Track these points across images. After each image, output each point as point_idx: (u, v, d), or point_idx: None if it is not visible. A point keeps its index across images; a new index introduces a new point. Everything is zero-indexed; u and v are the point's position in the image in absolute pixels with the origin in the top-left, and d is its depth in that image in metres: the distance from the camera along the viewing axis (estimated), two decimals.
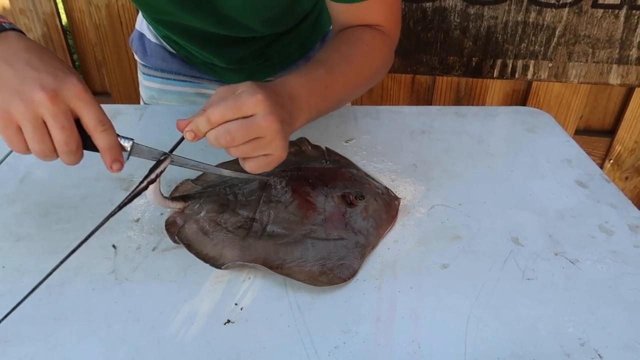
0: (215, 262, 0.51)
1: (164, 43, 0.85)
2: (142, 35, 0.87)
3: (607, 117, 1.57)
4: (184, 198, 0.59)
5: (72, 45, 1.75)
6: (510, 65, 1.29)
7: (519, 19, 1.21)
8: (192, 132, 0.48)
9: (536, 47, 1.26)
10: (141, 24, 0.88)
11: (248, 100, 0.46)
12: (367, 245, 0.54)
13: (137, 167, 0.68)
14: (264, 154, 0.49)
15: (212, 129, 0.47)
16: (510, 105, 1.55)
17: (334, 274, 0.50)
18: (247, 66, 0.83)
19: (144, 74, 0.90)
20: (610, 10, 1.19)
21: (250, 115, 0.46)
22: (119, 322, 0.46)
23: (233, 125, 0.46)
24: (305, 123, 0.56)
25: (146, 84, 0.90)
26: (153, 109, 0.84)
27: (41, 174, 0.66)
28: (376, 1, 0.64)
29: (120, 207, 0.48)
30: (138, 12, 0.90)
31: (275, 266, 0.50)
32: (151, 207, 0.59)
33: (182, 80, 0.87)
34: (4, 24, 0.48)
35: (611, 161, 1.60)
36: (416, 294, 0.50)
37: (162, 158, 0.51)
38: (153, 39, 0.85)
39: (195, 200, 0.58)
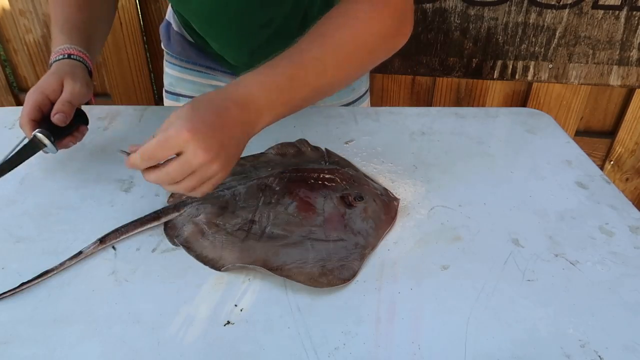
0: (215, 264, 0.51)
1: (184, 32, 0.87)
2: (168, 24, 0.90)
3: (608, 118, 1.56)
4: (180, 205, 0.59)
5: None
6: (511, 67, 1.29)
7: (519, 20, 1.21)
8: (133, 167, 0.50)
9: (536, 48, 1.26)
10: (169, 13, 0.91)
11: (175, 138, 0.47)
12: (367, 246, 0.54)
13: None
14: (208, 180, 0.50)
15: (148, 167, 0.50)
16: (511, 106, 1.55)
17: (333, 275, 0.50)
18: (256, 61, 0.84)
19: (166, 60, 0.93)
20: (610, 11, 1.19)
21: (181, 152, 0.48)
22: (118, 323, 0.46)
23: (170, 168, 0.48)
24: (270, 122, 0.54)
25: (167, 71, 0.93)
26: (153, 110, 0.84)
27: (41, 176, 0.66)
28: None
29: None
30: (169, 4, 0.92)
31: (274, 268, 0.50)
32: (151, 208, 0.59)
33: (197, 71, 0.89)
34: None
35: (611, 162, 1.60)
36: (416, 295, 0.49)
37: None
38: (175, 27, 0.88)
39: (194, 202, 0.58)
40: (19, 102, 1.85)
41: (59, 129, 0.61)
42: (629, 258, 0.55)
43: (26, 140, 0.61)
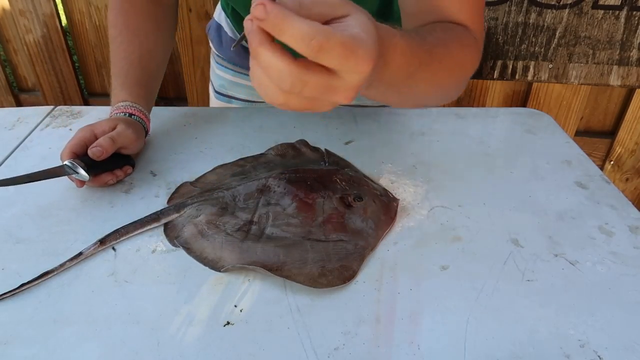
0: (215, 265, 0.52)
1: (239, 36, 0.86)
2: (219, 27, 0.89)
3: (608, 119, 1.57)
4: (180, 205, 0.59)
5: (72, 47, 1.76)
6: (511, 67, 1.29)
7: (519, 20, 1.22)
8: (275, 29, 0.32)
9: (536, 48, 1.26)
10: (219, 15, 0.90)
11: (361, 61, 0.33)
12: (366, 246, 0.54)
13: (136, 170, 0.68)
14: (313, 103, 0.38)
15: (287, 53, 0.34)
16: (511, 106, 1.55)
17: (333, 275, 0.50)
18: None
19: (217, 62, 0.92)
20: (610, 11, 1.19)
21: (338, 71, 0.34)
22: (118, 324, 0.46)
23: (311, 83, 0.34)
24: (372, 97, 0.47)
25: (218, 73, 0.92)
26: (152, 111, 0.84)
27: None
28: None
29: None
30: (216, 4, 0.92)
31: (274, 268, 0.50)
32: (151, 209, 0.59)
33: None
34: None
35: (612, 162, 1.60)
36: (416, 295, 0.50)
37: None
38: (229, 32, 0.87)
39: (194, 203, 0.58)
40: (19, 103, 1.85)
41: (98, 163, 0.61)
42: (629, 258, 0.55)
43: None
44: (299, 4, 0.33)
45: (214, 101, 0.96)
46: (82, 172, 0.59)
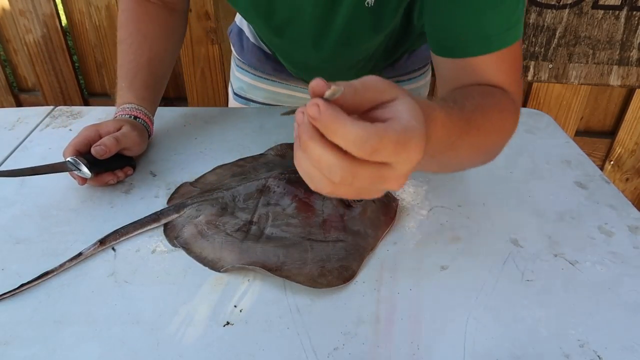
0: (214, 265, 0.52)
1: (262, 44, 0.87)
2: (241, 31, 0.90)
3: (608, 119, 1.57)
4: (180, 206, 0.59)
5: (71, 47, 1.76)
6: None
7: None
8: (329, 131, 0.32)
9: (536, 48, 1.27)
10: (241, 19, 0.90)
11: (412, 153, 0.32)
12: (366, 246, 0.54)
13: (136, 171, 0.68)
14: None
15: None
16: None
17: (333, 275, 0.50)
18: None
19: (237, 65, 0.93)
20: (610, 11, 1.19)
21: (389, 163, 0.33)
22: (118, 324, 0.46)
23: (362, 175, 0.33)
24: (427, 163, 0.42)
25: (238, 76, 0.93)
26: None
27: (41, 177, 0.66)
28: (494, 57, 0.54)
29: None
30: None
31: (274, 269, 0.50)
32: (151, 209, 0.59)
33: (272, 80, 0.89)
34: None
35: (611, 162, 1.60)
36: (415, 295, 0.50)
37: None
38: (251, 38, 0.87)
39: (193, 204, 0.58)
40: (19, 103, 1.85)
41: (100, 162, 0.61)
42: (629, 258, 0.55)
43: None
44: (354, 91, 0.33)
45: (232, 102, 0.97)
46: (84, 169, 0.59)
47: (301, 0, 0.62)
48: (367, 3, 0.60)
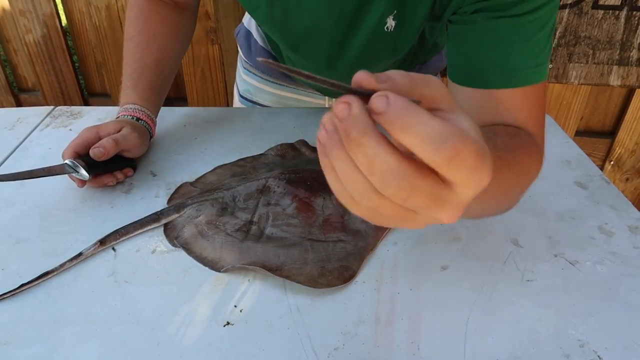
0: (215, 265, 0.52)
1: (271, 49, 0.85)
2: (248, 33, 0.88)
3: (608, 119, 1.56)
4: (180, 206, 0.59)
5: (71, 47, 1.76)
6: None
7: None
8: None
9: None
10: (249, 21, 0.89)
11: (482, 172, 0.26)
12: (366, 247, 0.54)
13: (136, 171, 0.68)
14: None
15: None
16: None
17: (333, 276, 0.50)
18: None
19: (244, 67, 0.92)
20: (610, 11, 1.19)
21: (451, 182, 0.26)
22: (118, 324, 0.46)
23: (421, 191, 0.26)
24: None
25: (245, 78, 0.92)
26: None
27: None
28: (517, 93, 0.52)
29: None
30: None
31: (274, 269, 0.50)
32: (151, 209, 0.59)
33: (279, 84, 0.88)
34: None
35: (612, 162, 1.60)
36: (415, 295, 0.50)
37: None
38: (260, 41, 0.86)
39: (194, 204, 0.58)
40: (19, 103, 1.85)
41: (99, 163, 0.61)
42: (629, 258, 0.55)
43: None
44: (411, 83, 0.26)
45: (237, 104, 0.96)
46: (82, 171, 0.59)
47: (320, 21, 0.61)
48: (387, 28, 0.59)
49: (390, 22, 0.58)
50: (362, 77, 0.26)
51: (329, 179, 0.29)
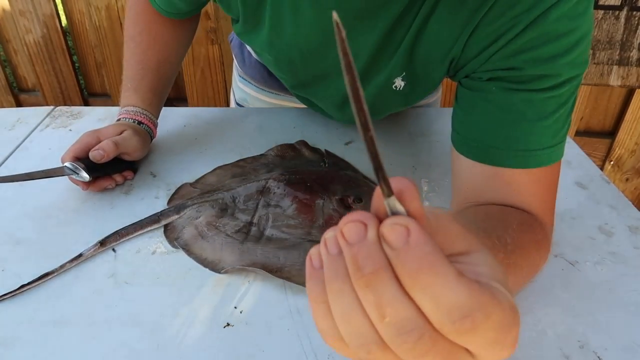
0: (215, 267, 0.52)
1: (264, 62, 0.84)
2: (242, 45, 0.86)
3: (608, 119, 1.56)
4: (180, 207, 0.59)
5: (71, 47, 1.76)
6: None
7: None
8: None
9: None
10: None
11: (503, 346, 0.22)
12: None
13: (137, 173, 0.68)
14: None
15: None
16: None
17: None
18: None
19: (239, 75, 0.90)
20: (610, 11, 1.19)
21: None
22: (118, 325, 0.46)
23: (437, 350, 0.21)
24: None
25: (241, 86, 0.90)
26: None
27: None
28: (529, 175, 0.48)
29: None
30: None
31: (274, 270, 0.50)
32: (151, 210, 0.59)
33: (275, 93, 0.86)
34: None
35: (611, 163, 1.60)
36: None
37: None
38: (254, 54, 0.83)
39: (194, 205, 0.58)
40: (19, 103, 1.85)
41: (99, 166, 0.61)
42: (629, 258, 0.55)
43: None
44: (431, 228, 0.22)
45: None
46: (83, 173, 0.59)
47: (327, 74, 0.59)
48: (396, 87, 0.56)
49: (399, 82, 0.55)
50: (404, 184, 0.22)
51: (314, 312, 0.24)
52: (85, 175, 0.59)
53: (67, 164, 0.59)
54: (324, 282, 0.23)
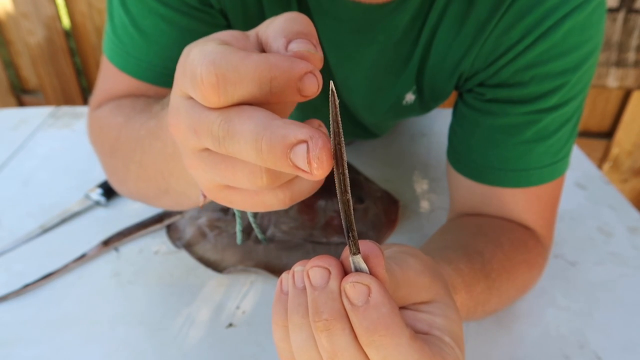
0: (217, 267, 0.52)
1: None
2: None
3: (605, 120, 1.57)
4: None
5: (74, 49, 1.76)
6: None
7: None
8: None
9: None
10: None
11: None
12: None
13: None
14: None
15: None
16: None
17: None
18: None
19: None
20: (608, 13, 1.20)
21: None
22: (121, 325, 0.46)
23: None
24: None
25: None
26: None
27: (44, 176, 0.66)
28: (528, 193, 0.46)
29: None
30: None
31: (276, 270, 0.50)
32: (153, 210, 0.59)
33: None
34: None
35: (609, 164, 1.60)
36: None
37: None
38: None
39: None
40: (21, 104, 1.85)
41: None
42: (628, 258, 0.55)
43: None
44: (396, 284, 0.25)
45: None
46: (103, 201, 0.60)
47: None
48: (406, 102, 0.54)
49: (410, 97, 0.53)
50: (370, 249, 0.23)
51: (275, 332, 0.25)
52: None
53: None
54: (287, 309, 0.25)
